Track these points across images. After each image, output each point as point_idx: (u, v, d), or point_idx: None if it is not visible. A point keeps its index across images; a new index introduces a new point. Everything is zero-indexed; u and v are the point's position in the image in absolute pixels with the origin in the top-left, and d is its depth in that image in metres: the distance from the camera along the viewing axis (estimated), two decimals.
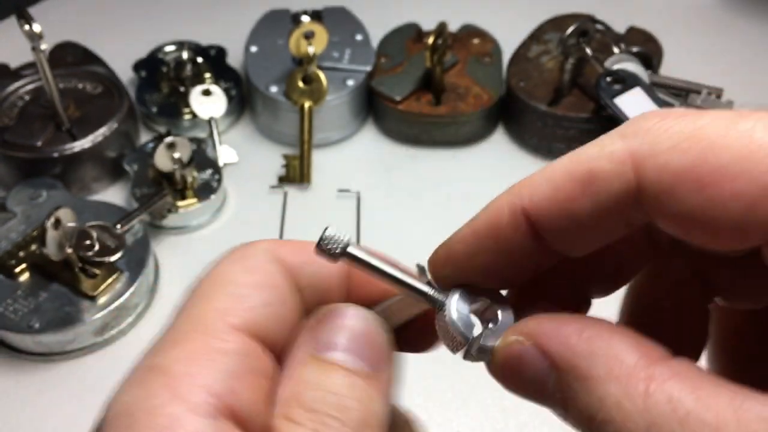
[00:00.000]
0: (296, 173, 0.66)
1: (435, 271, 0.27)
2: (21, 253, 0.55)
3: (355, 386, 0.23)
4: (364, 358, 0.24)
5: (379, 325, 0.25)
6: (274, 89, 0.68)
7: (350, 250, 0.25)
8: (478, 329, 0.25)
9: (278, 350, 0.25)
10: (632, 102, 0.61)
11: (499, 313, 0.25)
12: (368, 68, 0.69)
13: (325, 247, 0.25)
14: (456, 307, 0.25)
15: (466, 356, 0.24)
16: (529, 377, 0.22)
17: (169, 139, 0.60)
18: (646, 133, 0.21)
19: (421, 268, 0.27)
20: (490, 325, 0.25)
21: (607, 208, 0.22)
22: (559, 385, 0.21)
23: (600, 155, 0.22)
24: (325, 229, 0.25)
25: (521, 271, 0.25)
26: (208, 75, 0.71)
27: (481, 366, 0.26)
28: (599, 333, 0.21)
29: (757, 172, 0.19)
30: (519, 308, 0.25)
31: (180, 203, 0.61)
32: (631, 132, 0.22)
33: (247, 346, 0.23)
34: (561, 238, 0.23)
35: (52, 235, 0.51)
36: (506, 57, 0.71)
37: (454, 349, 0.25)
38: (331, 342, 0.24)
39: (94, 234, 0.54)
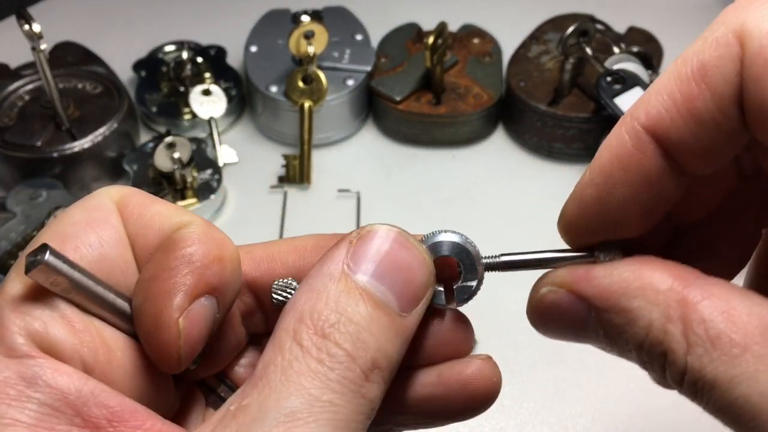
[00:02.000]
0: (296, 173, 0.66)
1: (569, 230, 0.25)
2: (21, 254, 0.55)
3: (378, 321, 0.22)
4: (396, 293, 0.22)
5: (422, 261, 0.24)
6: (274, 89, 0.68)
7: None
8: None
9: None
10: (632, 102, 0.61)
11: None
12: (368, 68, 0.69)
13: (277, 302, 0.25)
14: None
15: None
16: (568, 322, 0.23)
17: (168, 139, 0.60)
18: (752, 10, 0.22)
19: None
20: None
21: (727, 97, 0.21)
22: (600, 323, 0.23)
23: (705, 46, 0.22)
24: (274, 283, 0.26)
25: (657, 202, 0.23)
26: (208, 75, 0.71)
27: None
28: (629, 268, 0.22)
29: None
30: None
31: (180, 203, 0.61)
32: (733, 13, 0.22)
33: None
34: (689, 148, 0.22)
35: None
36: (506, 57, 0.71)
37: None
38: (368, 265, 0.22)
39: None
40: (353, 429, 0.21)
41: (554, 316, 0.24)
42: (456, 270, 0.26)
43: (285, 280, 0.26)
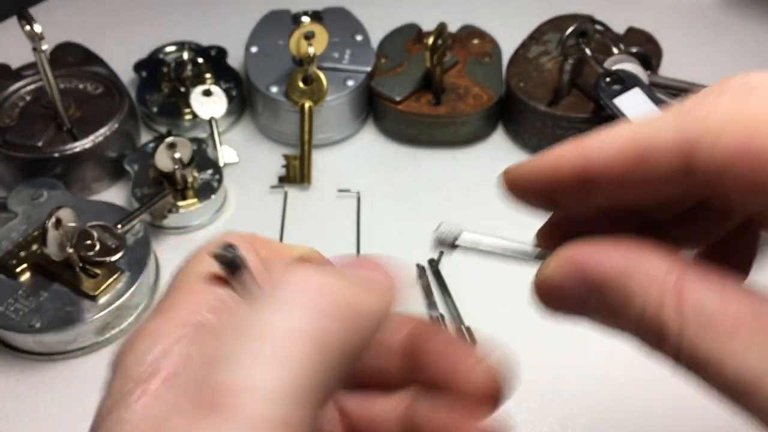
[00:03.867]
0: (296, 173, 0.66)
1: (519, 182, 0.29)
2: (22, 253, 0.56)
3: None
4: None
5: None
6: (274, 89, 0.68)
7: (460, 242, 0.28)
8: None
9: None
10: (631, 102, 0.61)
11: None
12: (368, 69, 0.70)
13: (440, 243, 0.28)
14: None
15: None
16: (571, 299, 0.25)
17: (169, 140, 0.60)
18: (697, 116, 0.23)
19: (420, 268, 0.28)
20: None
21: (659, 181, 0.24)
22: (600, 303, 0.24)
23: (653, 137, 0.24)
24: (439, 225, 0.28)
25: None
26: (208, 75, 0.71)
27: None
28: (631, 249, 0.24)
29: None
30: None
31: (180, 203, 0.61)
32: (684, 113, 0.23)
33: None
34: (615, 198, 0.26)
35: (53, 235, 0.51)
36: (506, 57, 0.72)
37: None
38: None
39: (95, 234, 0.54)
40: None
41: (557, 294, 0.25)
42: None
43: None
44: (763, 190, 0.22)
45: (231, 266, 0.26)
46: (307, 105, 0.66)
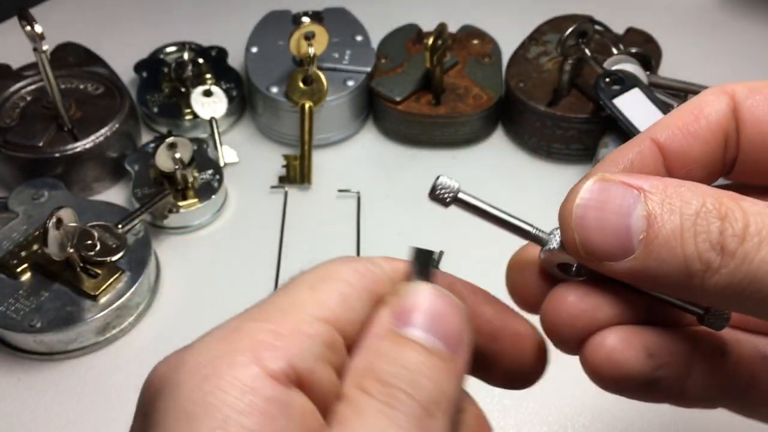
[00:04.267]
0: (297, 173, 0.66)
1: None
2: (23, 253, 0.56)
3: (429, 365, 0.24)
4: (441, 338, 0.25)
5: (458, 308, 0.26)
6: (274, 90, 0.68)
7: (461, 196, 0.27)
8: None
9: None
10: (631, 103, 0.61)
11: None
12: (368, 69, 0.70)
13: (438, 195, 0.27)
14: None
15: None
16: (616, 205, 0.24)
17: (170, 140, 0.60)
18: (731, 84, 0.29)
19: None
20: None
21: (717, 125, 0.28)
22: (649, 202, 0.24)
23: (701, 95, 0.29)
24: (437, 177, 0.27)
25: None
26: (209, 76, 0.71)
27: None
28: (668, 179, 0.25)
29: None
30: None
31: (181, 203, 0.61)
32: (714, 87, 0.29)
33: (332, 338, 0.24)
34: (683, 159, 0.29)
35: (53, 234, 0.51)
36: (505, 58, 0.72)
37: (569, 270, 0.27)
38: (409, 318, 0.25)
39: (96, 234, 0.54)
40: None
41: (602, 200, 0.25)
42: None
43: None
44: None
45: (424, 264, 0.26)
46: (307, 105, 0.67)
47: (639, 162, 0.28)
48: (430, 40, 0.64)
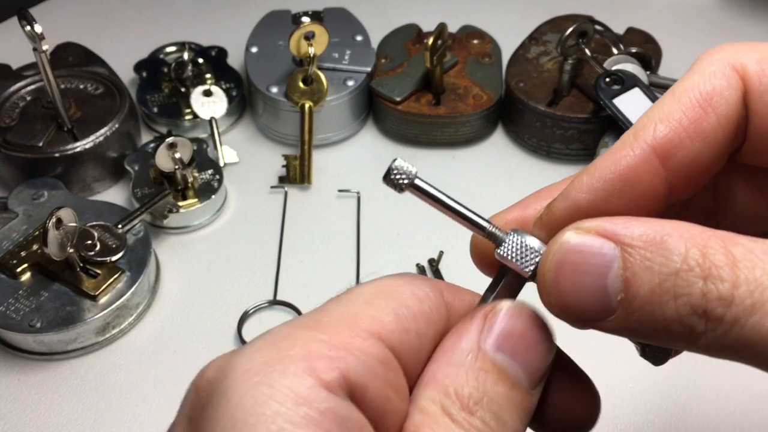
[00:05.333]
0: (297, 173, 0.66)
1: (552, 227, 0.26)
2: (23, 253, 0.56)
3: (514, 400, 0.23)
4: (525, 372, 0.24)
5: (548, 342, 0.25)
6: (274, 90, 0.68)
7: (417, 182, 0.25)
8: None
9: (412, 376, 0.24)
10: (631, 103, 0.61)
11: None
12: (368, 69, 0.70)
13: (393, 179, 0.25)
14: (518, 236, 0.25)
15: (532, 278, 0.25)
16: (591, 266, 0.22)
17: (170, 140, 0.60)
18: (735, 51, 0.25)
19: (420, 268, 0.27)
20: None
21: (729, 118, 0.24)
22: (626, 262, 0.22)
23: (705, 77, 0.25)
24: (394, 160, 0.25)
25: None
26: (208, 75, 0.71)
27: None
28: (649, 219, 0.22)
29: None
30: None
31: (181, 203, 0.61)
32: (720, 55, 0.25)
33: (386, 356, 0.23)
34: (688, 168, 0.25)
35: (53, 235, 0.51)
36: (505, 58, 0.72)
37: (528, 265, 0.25)
38: (501, 342, 0.24)
39: (96, 234, 0.54)
40: None
41: (576, 262, 0.23)
42: None
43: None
44: None
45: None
46: (307, 105, 0.67)
47: (634, 179, 0.25)
48: (430, 40, 0.64)
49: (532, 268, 0.25)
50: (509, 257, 0.25)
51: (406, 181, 0.25)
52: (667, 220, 0.22)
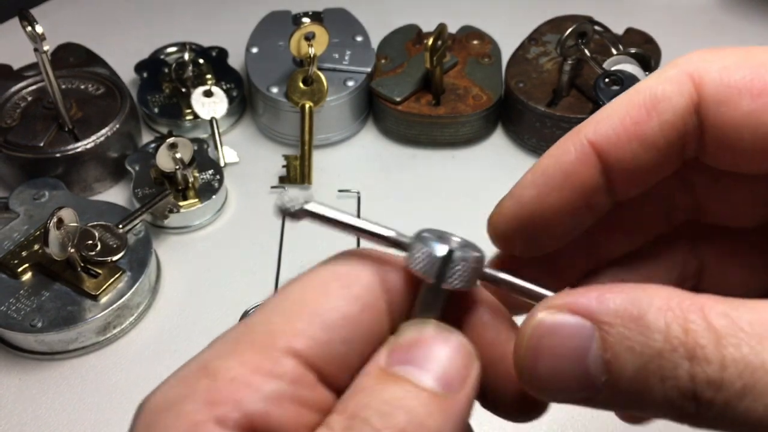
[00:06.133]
0: (297, 173, 0.66)
1: (501, 224, 0.26)
2: (24, 253, 0.56)
3: (410, 398, 0.22)
4: (435, 376, 0.22)
5: (461, 345, 0.23)
6: (275, 90, 0.68)
7: (309, 207, 0.24)
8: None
9: (340, 385, 0.23)
10: None
11: (469, 249, 0.24)
12: (368, 69, 0.70)
13: (285, 209, 0.25)
14: (421, 243, 0.24)
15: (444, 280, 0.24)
16: (569, 347, 0.21)
17: (170, 140, 0.60)
18: (700, 58, 0.24)
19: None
20: (460, 248, 0.24)
21: (672, 126, 0.24)
22: (605, 342, 0.20)
23: (659, 81, 0.24)
24: (282, 190, 0.25)
25: (585, 214, 0.25)
26: (209, 76, 0.71)
27: None
28: (625, 286, 0.21)
29: None
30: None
31: (182, 203, 0.62)
32: (684, 60, 0.24)
33: (298, 374, 0.22)
34: (626, 168, 0.24)
35: (54, 234, 0.51)
36: (505, 58, 0.72)
37: (432, 271, 0.24)
38: (403, 357, 0.23)
39: (97, 234, 0.55)
40: None
41: (553, 345, 0.21)
42: None
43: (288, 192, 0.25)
44: (761, 122, 0.22)
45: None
46: (307, 105, 0.67)
47: (573, 173, 0.24)
48: (430, 41, 0.64)
49: (432, 272, 0.24)
50: (413, 266, 0.24)
51: (299, 208, 0.24)
52: (643, 286, 0.21)
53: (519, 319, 0.24)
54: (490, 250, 0.28)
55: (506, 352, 0.25)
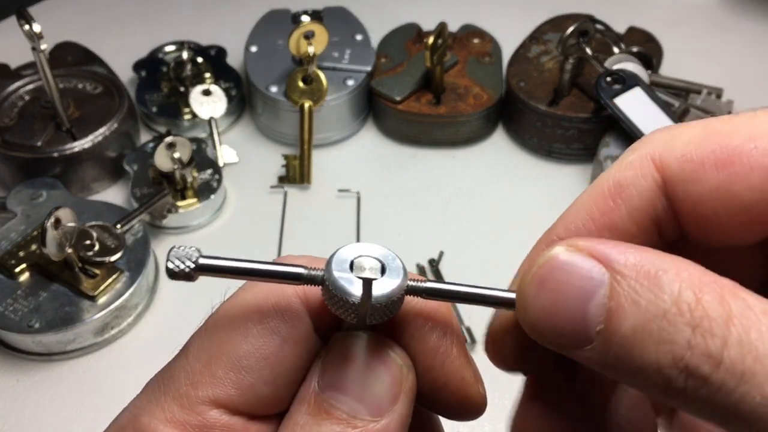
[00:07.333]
0: (296, 173, 0.66)
1: (498, 343, 0.26)
2: (21, 253, 0.55)
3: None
4: (367, 405, 0.23)
5: (391, 361, 0.23)
6: (274, 89, 0.68)
7: (203, 261, 0.23)
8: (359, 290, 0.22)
9: (278, 412, 0.24)
10: (632, 102, 0.61)
11: (387, 269, 0.23)
12: (368, 68, 0.69)
13: (177, 271, 0.23)
14: (340, 273, 0.23)
15: (364, 314, 0.23)
16: (576, 288, 0.20)
17: (169, 139, 0.60)
18: (659, 138, 0.23)
19: (420, 268, 0.26)
20: (377, 283, 0.22)
21: (641, 210, 0.23)
22: (613, 290, 0.20)
23: (620, 168, 0.23)
24: (170, 251, 0.23)
25: None
26: (208, 75, 0.71)
27: (482, 365, 0.26)
28: (651, 250, 0.21)
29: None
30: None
31: (180, 203, 0.61)
32: (644, 142, 0.23)
33: (226, 423, 0.22)
34: None
35: (52, 235, 0.51)
36: (506, 57, 0.72)
37: (349, 315, 0.23)
38: (333, 382, 0.23)
39: (94, 234, 0.54)
40: None
41: (561, 280, 0.21)
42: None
43: (186, 248, 0.23)
44: (730, 194, 0.21)
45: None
46: (307, 105, 0.66)
47: None
48: (430, 40, 0.64)
49: (351, 316, 0.23)
50: (331, 309, 0.23)
51: (192, 266, 0.23)
52: (668, 254, 0.20)
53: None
54: (492, 252, 0.27)
55: (445, 358, 0.25)
